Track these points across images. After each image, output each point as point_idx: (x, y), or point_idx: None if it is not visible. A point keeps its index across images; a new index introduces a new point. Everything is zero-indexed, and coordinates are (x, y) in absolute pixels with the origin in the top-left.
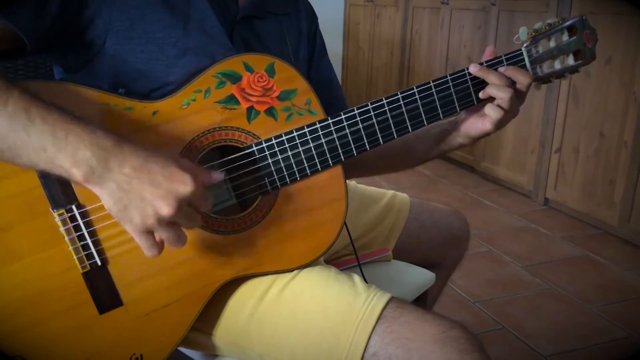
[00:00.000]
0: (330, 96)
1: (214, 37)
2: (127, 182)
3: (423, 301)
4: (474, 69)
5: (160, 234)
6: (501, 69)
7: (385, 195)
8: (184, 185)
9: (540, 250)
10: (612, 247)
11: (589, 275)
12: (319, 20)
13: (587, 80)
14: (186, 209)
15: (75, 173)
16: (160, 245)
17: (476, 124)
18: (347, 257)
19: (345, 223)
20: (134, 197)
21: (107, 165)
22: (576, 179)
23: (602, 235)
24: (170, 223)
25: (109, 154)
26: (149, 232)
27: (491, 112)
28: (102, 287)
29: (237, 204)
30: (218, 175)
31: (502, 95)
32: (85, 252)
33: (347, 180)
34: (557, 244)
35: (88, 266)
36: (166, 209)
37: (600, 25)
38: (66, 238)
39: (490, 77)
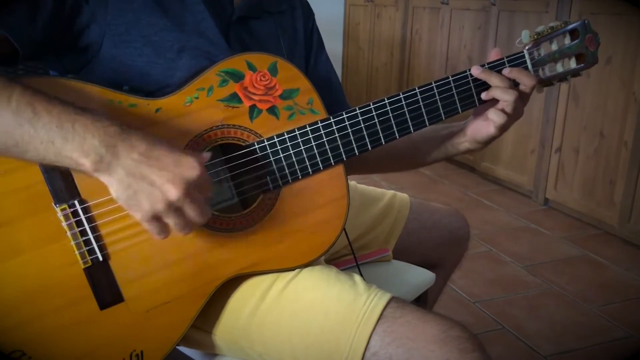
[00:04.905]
0: (329, 96)
1: (211, 39)
2: (135, 167)
3: (423, 301)
4: (476, 71)
5: (167, 220)
6: (505, 71)
7: (385, 195)
8: (191, 169)
9: (540, 250)
10: (612, 247)
11: (589, 275)
12: (319, 21)
13: (587, 80)
14: (193, 192)
15: (84, 162)
16: (168, 229)
17: (482, 129)
18: (347, 257)
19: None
20: (143, 182)
21: (115, 152)
22: (576, 179)
23: (602, 235)
24: (178, 209)
25: (116, 140)
26: (158, 219)
27: (494, 117)
28: (103, 283)
29: (239, 202)
30: (206, 154)
31: (506, 97)
32: (87, 248)
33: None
34: (557, 244)
35: (90, 261)
36: (175, 192)
37: (600, 25)
38: (68, 233)
39: (493, 79)
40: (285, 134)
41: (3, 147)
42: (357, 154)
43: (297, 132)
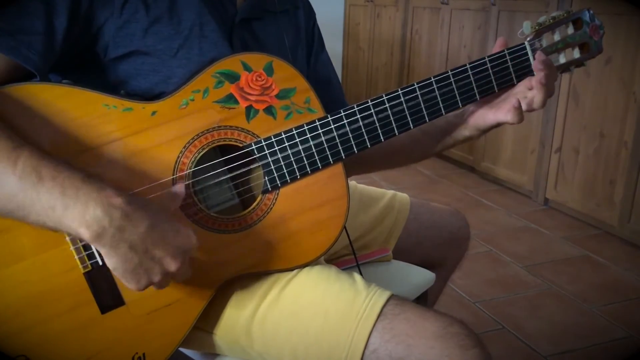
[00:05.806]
0: (328, 96)
1: (214, 42)
2: (140, 242)
3: (423, 301)
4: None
5: (156, 282)
6: (539, 56)
7: (385, 195)
8: (189, 239)
9: (540, 250)
10: (612, 247)
11: (589, 275)
12: (319, 20)
13: (587, 80)
14: (187, 260)
15: (84, 232)
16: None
17: (487, 116)
18: (347, 256)
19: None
20: (145, 256)
21: (120, 225)
22: (576, 179)
23: (602, 235)
24: (170, 276)
25: (120, 213)
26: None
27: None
28: (103, 287)
29: (238, 202)
30: (180, 187)
31: (545, 97)
32: (87, 252)
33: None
34: (557, 244)
35: (89, 266)
36: (174, 265)
37: None
38: (67, 238)
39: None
40: (282, 133)
41: (5, 210)
42: (356, 151)
43: (294, 132)
